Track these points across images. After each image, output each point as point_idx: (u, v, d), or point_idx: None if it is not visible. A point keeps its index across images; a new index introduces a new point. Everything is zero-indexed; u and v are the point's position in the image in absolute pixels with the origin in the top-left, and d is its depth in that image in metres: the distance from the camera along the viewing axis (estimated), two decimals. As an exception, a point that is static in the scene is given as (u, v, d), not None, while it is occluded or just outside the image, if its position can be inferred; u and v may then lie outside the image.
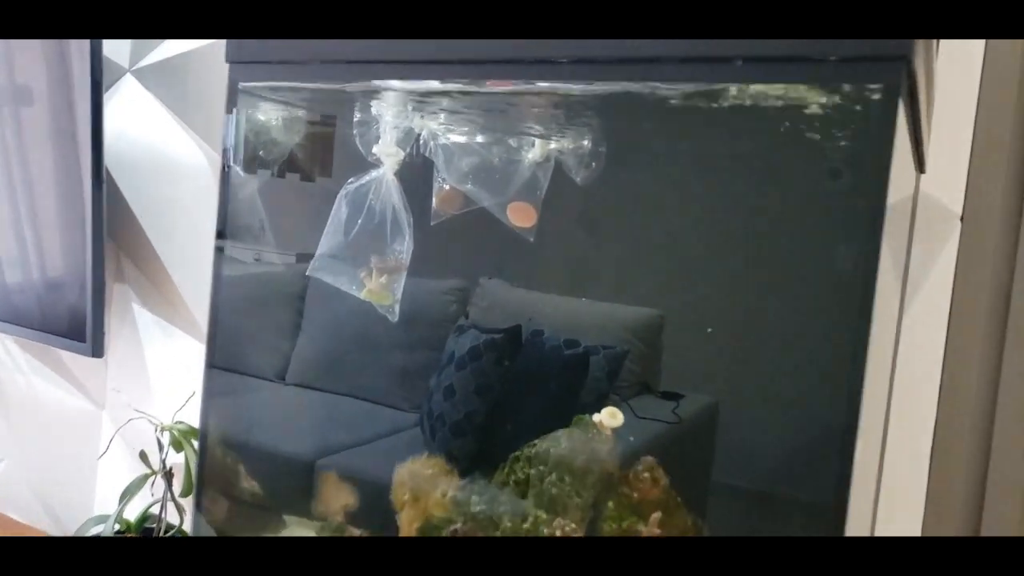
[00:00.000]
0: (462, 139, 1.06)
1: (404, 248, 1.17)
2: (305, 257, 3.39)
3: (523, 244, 3.41)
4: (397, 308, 1.27)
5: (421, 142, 1.12)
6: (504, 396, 2.23)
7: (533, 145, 1.05)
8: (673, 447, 2.20)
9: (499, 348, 2.24)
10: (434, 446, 2.28)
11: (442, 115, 1.02)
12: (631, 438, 2.11)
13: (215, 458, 2.41)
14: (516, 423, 2.17)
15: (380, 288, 1.25)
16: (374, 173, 1.26)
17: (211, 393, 2.86)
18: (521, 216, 1.02)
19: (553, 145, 1.05)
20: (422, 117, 1.05)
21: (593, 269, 3.15)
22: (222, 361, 3.09)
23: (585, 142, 1.05)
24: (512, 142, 1.04)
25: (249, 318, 3.15)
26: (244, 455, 2.40)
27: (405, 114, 1.06)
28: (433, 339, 2.76)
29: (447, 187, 1.08)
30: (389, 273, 1.21)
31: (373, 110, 1.20)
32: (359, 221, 1.19)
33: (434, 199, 1.14)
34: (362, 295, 1.29)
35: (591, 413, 2.22)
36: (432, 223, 1.20)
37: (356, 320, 2.89)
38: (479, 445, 2.22)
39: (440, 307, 2.83)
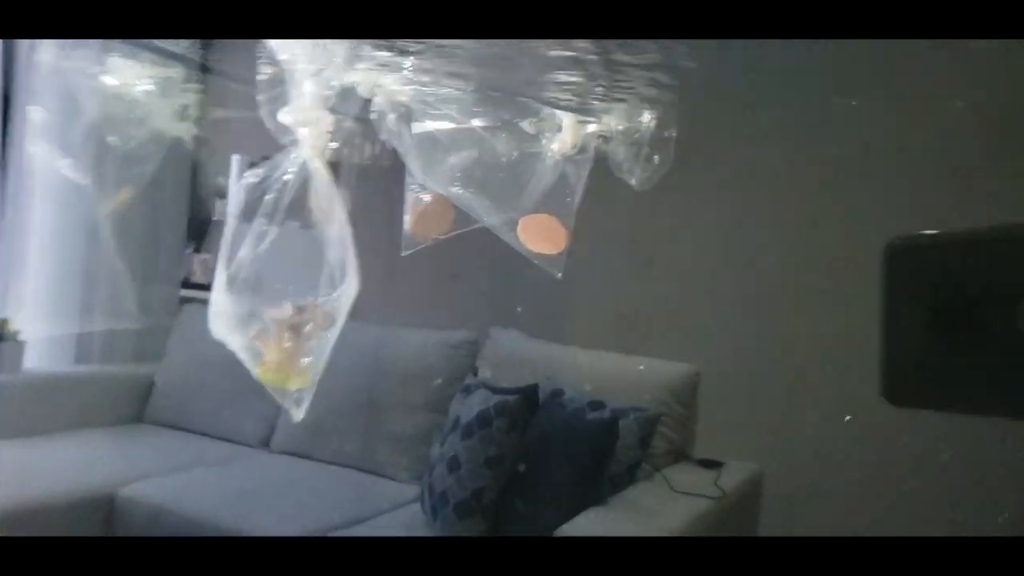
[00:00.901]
0: (447, 124, 0.66)
1: (340, 288, 0.69)
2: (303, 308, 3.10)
3: (543, 282, 3.09)
4: (305, 402, 0.66)
5: (375, 114, 0.73)
6: (518, 468, 1.90)
7: (559, 128, 0.67)
8: (717, 524, 1.86)
9: (513, 412, 1.91)
10: (436, 528, 1.94)
11: (407, 64, 0.62)
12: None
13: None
14: (534, 501, 1.83)
15: (281, 362, 0.75)
16: (284, 159, 0.74)
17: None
18: (542, 237, 0.64)
19: (592, 127, 0.67)
20: (369, 70, 0.66)
21: (629, 315, 2.84)
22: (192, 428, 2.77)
23: (645, 120, 0.68)
24: (527, 124, 0.65)
25: (230, 379, 2.83)
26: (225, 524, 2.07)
27: (334, 63, 0.63)
28: (436, 400, 2.44)
29: (426, 198, 0.67)
30: (297, 333, 0.73)
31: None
32: (261, 241, 0.76)
33: (407, 217, 0.72)
34: (256, 373, 0.81)
35: (622, 486, 1.89)
36: (404, 252, 0.75)
37: (350, 379, 2.57)
38: (489, 527, 1.88)
39: (444, 362, 2.52)
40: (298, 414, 0.75)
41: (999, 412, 0.49)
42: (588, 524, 1.69)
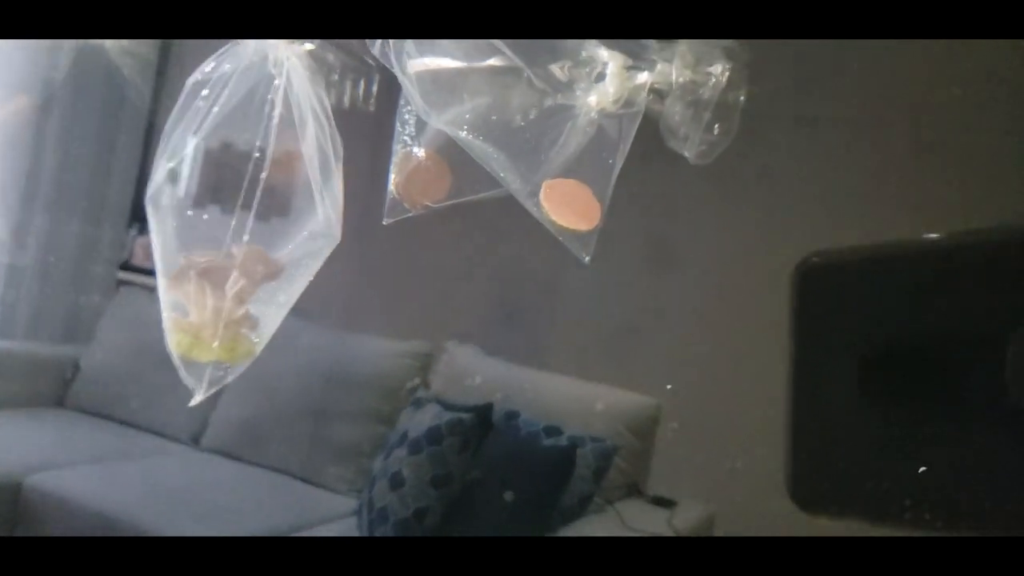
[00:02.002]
0: (450, 61, 0.50)
1: (306, 229, 0.52)
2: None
3: (513, 296, 2.98)
4: (217, 384, 0.55)
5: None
6: (466, 489, 1.79)
7: (600, 75, 0.53)
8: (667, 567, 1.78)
9: (466, 431, 1.81)
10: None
11: None
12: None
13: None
14: (481, 527, 1.73)
15: (202, 324, 0.55)
16: (242, 51, 0.58)
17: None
18: (571, 208, 0.50)
19: (643, 77, 0.53)
20: None
21: (602, 338, 2.74)
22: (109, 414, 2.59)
23: (713, 72, 0.54)
24: (556, 68, 0.51)
25: (164, 368, 2.65)
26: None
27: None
28: (384, 410, 2.32)
29: (420, 154, 0.52)
30: (219, 286, 0.53)
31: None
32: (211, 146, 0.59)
33: (393, 177, 0.56)
34: (171, 344, 0.61)
35: (573, 519, 1.80)
36: (386, 221, 0.58)
37: (292, 380, 2.43)
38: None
39: (394, 372, 2.40)
40: (198, 395, 0.55)
41: (975, 526, 0.34)
42: (536, 556, 1.60)
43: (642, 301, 2.45)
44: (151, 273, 2.95)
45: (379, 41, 0.52)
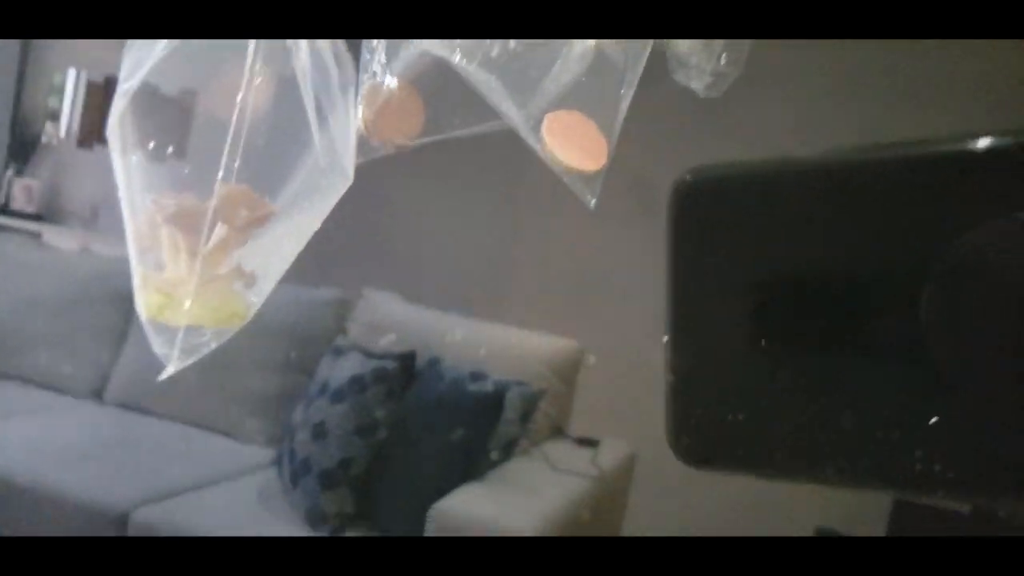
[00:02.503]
0: None
1: (324, 159, 0.45)
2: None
3: (432, 243, 2.92)
4: (196, 354, 0.46)
5: None
6: (392, 437, 1.77)
7: None
8: (594, 503, 1.82)
9: (390, 379, 1.78)
10: (296, 495, 1.79)
11: None
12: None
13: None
14: (408, 473, 1.71)
15: (179, 284, 0.46)
16: None
17: None
18: (576, 144, 0.45)
19: None
20: None
21: (516, 286, 2.73)
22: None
23: None
24: None
25: (56, 319, 2.50)
26: (20, 501, 1.81)
27: None
28: (301, 359, 2.26)
29: (392, 85, 0.46)
30: (194, 233, 0.45)
31: None
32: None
33: (362, 111, 0.50)
34: (138, 304, 0.50)
35: (500, 461, 1.81)
36: (356, 160, 0.53)
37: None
38: (356, 499, 1.75)
39: (311, 320, 2.33)
40: (169, 366, 0.47)
41: (870, 481, 0.30)
42: (465, 501, 1.60)
43: (587, 254, 2.45)
44: (34, 217, 2.75)
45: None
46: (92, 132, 3.55)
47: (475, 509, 1.57)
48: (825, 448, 0.29)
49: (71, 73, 3.58)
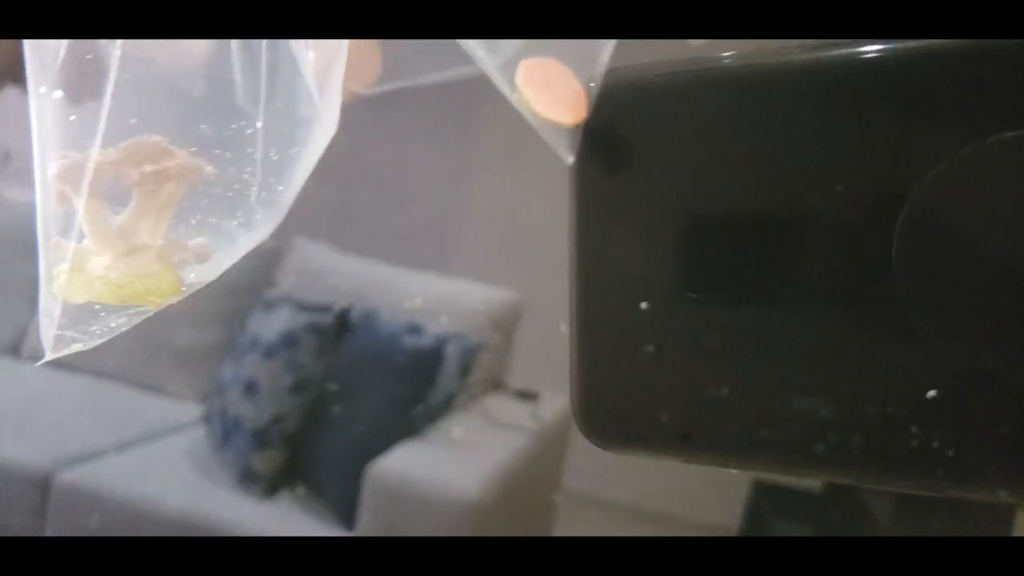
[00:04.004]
0: None
1: (303, 104, 0.40)
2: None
3: (364, 192, 2.82)
4: (104, 331, 0.37)
5: None
6: (326, 394, 1.72)
7: None
8: (534, 458, 1.81)
9: (323, 333, 1.72)
10: (227, 454, 1.73)
11: None
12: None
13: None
14: (343, 431, 1.67)
15: (91, 255, 0.40)
16: None
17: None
18: (553, 93, 0.39)
19: None
20: None
21: (452, 236, 2.65)
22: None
23: None
24: None
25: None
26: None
27: None
28: (228, 311, 2.17)
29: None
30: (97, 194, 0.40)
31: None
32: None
33: (312, 56, 0.44)
34: (41, 277, 0.43)
35: (439, 417, 1.77)
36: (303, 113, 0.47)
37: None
38: (290, 459, 1.70)
39: (236, 271, 2.22)
40: (48, 352, 0.39)
41: (797, 465, 0.24)
42: (403, 459, 1.56)
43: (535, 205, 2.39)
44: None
45: None
46: (4, 69, 3.33)
47: (412, 468, 1.54)
48: (766, 426, 0.23)
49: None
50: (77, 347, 0.33)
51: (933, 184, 0.21)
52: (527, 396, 2.00)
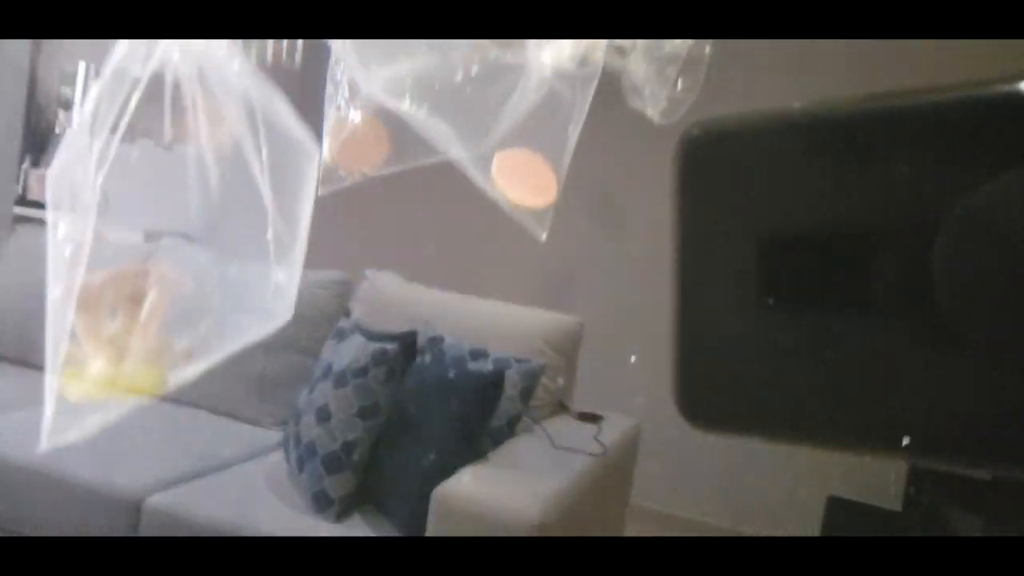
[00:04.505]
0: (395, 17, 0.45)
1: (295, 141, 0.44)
2: (155, 236, 2.82)
3: (425, 227, 2.92)
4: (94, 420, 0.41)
5: None
6: (394, 419, 1.78)
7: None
8: (598, 481, 1.83)
9: (390, 361, 1.78)
10: (301, 481, 1.81)
11: None
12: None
13: None
14: (410, 455, 1.73)
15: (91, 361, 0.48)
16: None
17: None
18: (525, 182, 0.45)
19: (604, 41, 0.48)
20: None
21: (513, 267, 2.72)
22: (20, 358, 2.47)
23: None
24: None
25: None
26: (32, 488, 1.85)
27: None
28: (304, 340, 2.27)
29: (356, 118, 0.48)
30: (96, 313, 0.47)
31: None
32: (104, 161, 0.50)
33: (327, 142, 0.52)
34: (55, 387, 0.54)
35: (503, 440, 1.81)
36: (322, 192, 0.56)
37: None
38: (360, 482, 1.76)
39: (312, 302, 2.34)
40: (44, 442, 0.45)
41: (871, 444, 0.29)
42: (467, 482, 1.61)
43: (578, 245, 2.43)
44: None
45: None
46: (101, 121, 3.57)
47: (476, 491, 1.58)
48: (833, 409, 0.29)
49: (82, 65, 3.60)
50: (73, 436, 0.40)
51: (970, 209, 0.26)
52: (591, 418, 2.02)
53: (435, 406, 1.77)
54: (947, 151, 0.26)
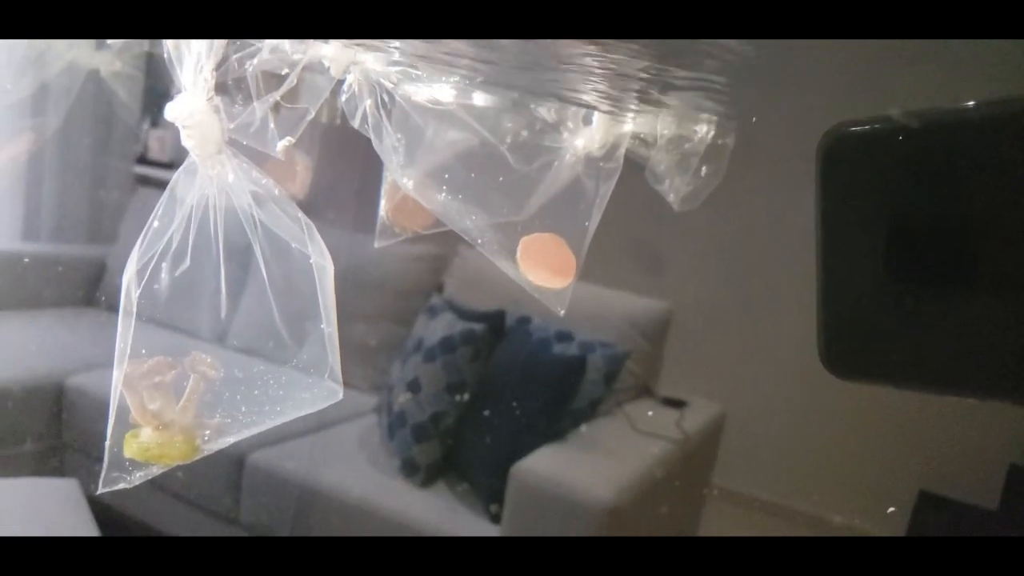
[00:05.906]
0: (441, 95, 0.49)
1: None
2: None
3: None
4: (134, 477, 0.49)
5: (345, 95, 0.52)
6: (479, 395, 1.86)
7: (588, 121, 0.52)
8: (676, 467, 1.86)
9: (477, 341, 1.85)
10: (392, 447, 1.91)
11: (396, 44, 0.43)
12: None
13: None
14: (493, 431, 1.80)
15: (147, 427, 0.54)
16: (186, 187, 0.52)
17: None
18: (547, 266, 0.50)
19: (628, 127, 0.52)
20: (345, 45, 0.47)
21: (602, 248, 2.74)
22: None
23: (701, 129, 0.53)
24: (545, 111, 0.51)
25: (183, 267, 2.69)
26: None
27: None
28: (400, 311, 2.37)
29: (410, 183, 0.53)
30: (150, 395, 0.53)
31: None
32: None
33: (383, 204, 0.59)
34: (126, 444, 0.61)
35: (583, 422, 1.86)
36: (378, 244, 0.63)
37: (312, 281, 2.43)
38: (445, 453, 1.85)
39: (408, 275, 2.43)
40: (101, 487, 0.52)
41: (991, 392, 0.37)
42: (545, 460, 1.67)
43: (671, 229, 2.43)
44: (167, 166, 2.97)
45: (367, 100, 0.50)
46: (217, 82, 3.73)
47: (553, 471, 1.64)
48: (952, 363, 0.36)
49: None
50: (122, 485, 0.49)
51: None
52: (675, 404, 2.05)
53: (518, 386, 1.83)
54: None
